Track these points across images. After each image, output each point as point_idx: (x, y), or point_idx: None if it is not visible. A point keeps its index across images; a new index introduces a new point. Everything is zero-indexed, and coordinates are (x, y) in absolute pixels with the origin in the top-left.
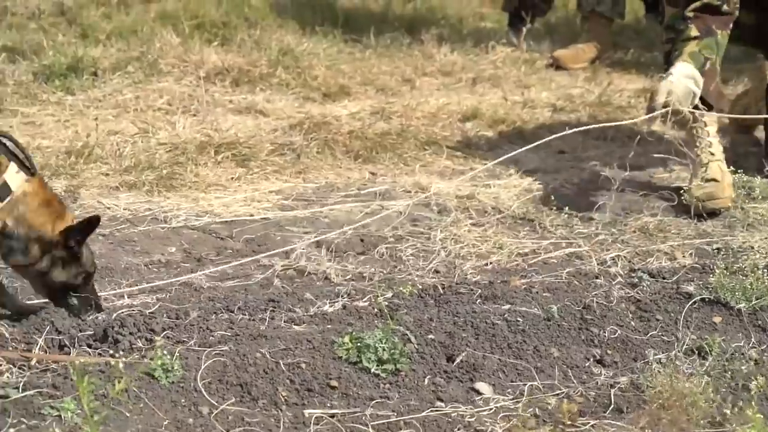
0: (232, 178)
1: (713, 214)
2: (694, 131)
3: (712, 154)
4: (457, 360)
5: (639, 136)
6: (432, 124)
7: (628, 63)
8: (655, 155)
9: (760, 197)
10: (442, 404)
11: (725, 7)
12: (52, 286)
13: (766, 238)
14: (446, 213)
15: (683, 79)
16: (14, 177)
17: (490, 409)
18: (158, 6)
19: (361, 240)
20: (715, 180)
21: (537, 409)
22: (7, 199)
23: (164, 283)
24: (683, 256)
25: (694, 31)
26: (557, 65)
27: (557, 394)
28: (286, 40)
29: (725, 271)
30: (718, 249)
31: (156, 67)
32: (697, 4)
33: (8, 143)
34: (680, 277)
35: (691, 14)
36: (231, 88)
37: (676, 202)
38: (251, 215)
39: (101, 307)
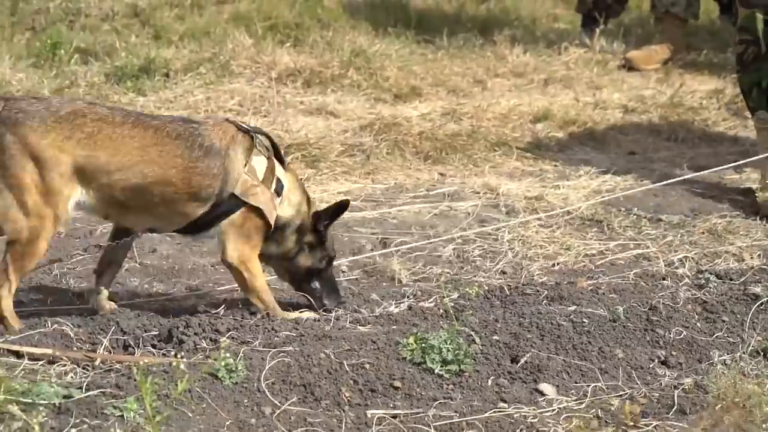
0: (302, 179)
1: None
2: (765, 132)
3: None
4: (522, 361)
5: (710, 137)
6: (502, 125)
7: (701, 64)
8: (726, 156)
9: None
10: (505, 405)
11: None
12: (297, 272)
13: None
14: (514, 214)
15: None
16: (281, 172)
17: (553, 410)
18: (232, 7)
19: (429, 240)
20: None
21: (600, 411)
22: (284, 192)
23: (231, 286)
24: (751, 258)
25: None
26: (630, 66)
27: (620, 395)
28: (359, 42)
29: None
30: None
31: (228, 68)
32: None
33: (266, 141)
34: (748, 278)
35: None
36: (302, 89)
37: (745, 204)
38: None
39: (341, 296)
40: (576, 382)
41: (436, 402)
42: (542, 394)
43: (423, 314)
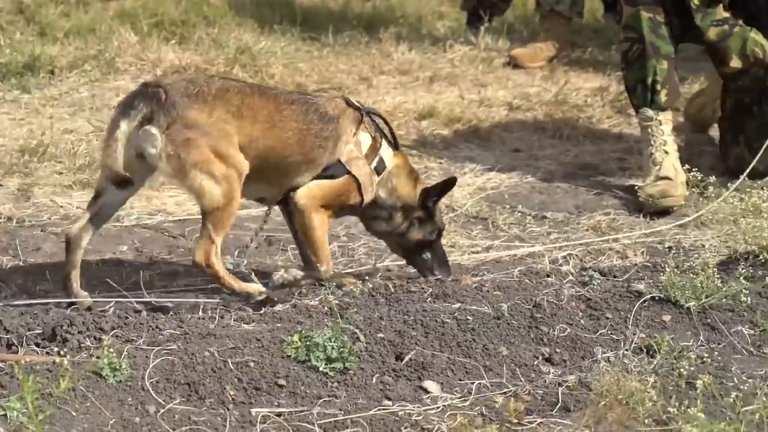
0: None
1: (666, 212)
2: (649, 129)
3: (666, 152)
4: (406, 359)
5: (594, 135)
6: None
7: (585, 62)
8: (611, 153)
9: (713, 196)
10: (390, 403)
11: None
12: (408, 245)
13: (717, 236)
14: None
15: None
16: (387, 153)
17: (438, 407)
18: (117, 4)
19: None
20: (668, 178)
21: (484, 408)
22: (383, 173)
23: (115, 283)
24: (635, 255)
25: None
26: (515, 64)
27: (505, 393)
28: (244, 39)
29: (676, 270)
30: (669, 247)
31: (113, 65)
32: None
33: (378, 120)
34: (631, 275)
35: (726, 14)
36: None
37: (629, 201)
38: None
39: (449, 267)
40: (460, 380)
41: (321, 400)
42: (426, 391)
43: (308, 312)
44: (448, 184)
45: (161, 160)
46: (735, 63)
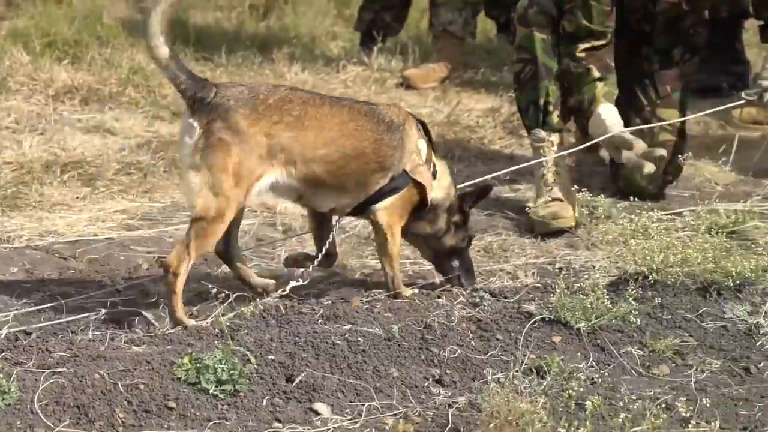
0: (78, 198)
1: (557, 233)
2: (541, 151)
3: (558, 173)
4: (297, 380)
5: (486, 155)
6: None
7: (478, 83)
8: (501, 174)
9: (603, 217)
10: (280, 425)
11: (609, 36)
12: (441, 250)
13: (607, 257)
14: (292, 232)
15: (617, 119)
16: (435, 159)
17: (328, 429)
18: (9, 24)
19: (205, 259)
20: (559, 199)
21: (374, 430)
22: (437, 177)
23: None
24: (525, 276)
25: (595, 72)
26: (407, 84)
27: (395, 414)
28: (138, 59)
29: (566, 291)
30: (560, 268)
31: (5, 85)
32: (587, 45)
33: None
34: (522, 296)
35: (583, 54)
36: (80, 106)
37: (520, 222)
38: (95, 235)
39: (474, 276)
40: (351, 401)
41: (211, 422)
42: (317, 413)
43: (198, 334)
44: (485, 190)
45: (189, 151)
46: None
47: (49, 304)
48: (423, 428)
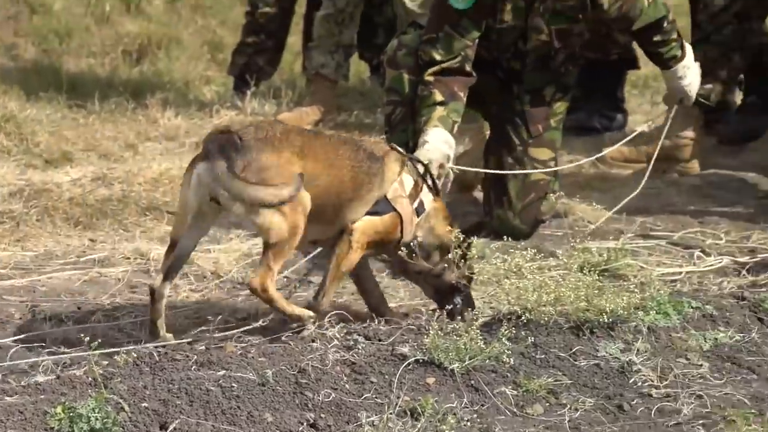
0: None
1: None
2: None
3: None
4: (171, 428)
5: None
6: (154, 189)
7: (351, 125)
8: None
9: (476, 257)
10: None
11: (467, 67)
12: (442, 288)
13: (481, 297)
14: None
15: (439, 144)
16: (427, 197)
17: None
18: None
19: (78, 308)
20: None
21: None
22: (422, 215)
23: None
24: (399, 318)
25: (438, 96)
26: None
27: None
28: (9, 107)
29: (440, 332)
30: (433, 310)
31: None
32: (437, 68)
33: (420, 167)
34: (396, 338)
35: (431, 78)
36: None
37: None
38: None
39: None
40: None
41: None
42: None
43: (71, 383)
44: (480, 227)
45: (235, 202)
46: None
47: None
48: None
